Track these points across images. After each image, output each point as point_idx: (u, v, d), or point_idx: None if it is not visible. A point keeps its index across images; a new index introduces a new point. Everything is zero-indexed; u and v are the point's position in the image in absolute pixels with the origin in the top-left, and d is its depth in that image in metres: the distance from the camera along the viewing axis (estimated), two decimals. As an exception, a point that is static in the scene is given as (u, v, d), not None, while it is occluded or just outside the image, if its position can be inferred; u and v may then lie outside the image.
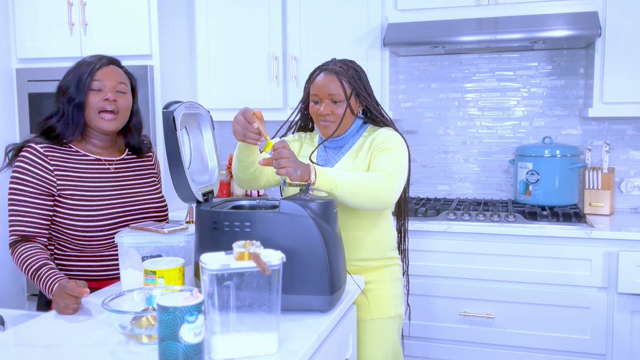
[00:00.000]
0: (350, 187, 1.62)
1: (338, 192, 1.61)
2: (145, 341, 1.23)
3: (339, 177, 1.61)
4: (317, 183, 1.58)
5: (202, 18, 3.17)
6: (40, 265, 1.62)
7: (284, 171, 1.54)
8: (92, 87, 1.76)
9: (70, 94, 1.76)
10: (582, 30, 2.54)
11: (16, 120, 3.15)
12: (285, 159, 1.53)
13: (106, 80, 1.77)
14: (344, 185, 1.61)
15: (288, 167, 1.53)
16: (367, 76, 1.89)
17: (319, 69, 1.85)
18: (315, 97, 1.82)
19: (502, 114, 3.15)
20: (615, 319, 2.46)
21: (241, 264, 1.13)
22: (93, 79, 1.76)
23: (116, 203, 1.80)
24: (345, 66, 1.83)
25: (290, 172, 1.54)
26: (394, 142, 1.79)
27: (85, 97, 1.75)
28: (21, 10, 3.10)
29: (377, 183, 1.66)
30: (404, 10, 2.87)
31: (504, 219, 2.64)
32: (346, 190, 1.61)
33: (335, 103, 1.80)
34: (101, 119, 1.77)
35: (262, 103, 3.11)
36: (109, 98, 1.76)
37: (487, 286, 2.60)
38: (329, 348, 1.42)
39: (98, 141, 1.84)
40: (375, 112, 1.88)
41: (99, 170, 1.81)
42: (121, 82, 1.81)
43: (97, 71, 1.77)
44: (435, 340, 2.71)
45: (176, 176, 1.51)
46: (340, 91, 1.79)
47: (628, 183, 2.96)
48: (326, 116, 1.81)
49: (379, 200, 1.66)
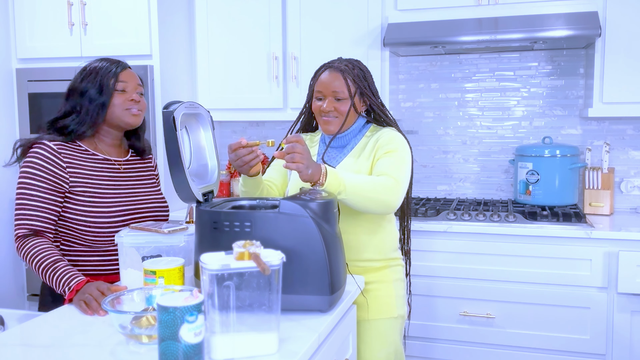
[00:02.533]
0: (359, 191, 1.61)
1: (346, 196, 1.60)
2: (145, 341, 1.23)
3: (349, 181, 1.61)
4: (326, 184, 1.57)
5: (202, 18, 3.17)
6: (55, 260, 1.64)
7: (294, 166, 1.52)
8: (117, 87, 1.83)
9: (91, 95, 1.81)
10: (582, 30, 2.54)
11: (16, 120, 3.15)
12: (299, 155, 1.52)
13: (129, 82, 1.86)
14: (352, 190, 1.60)
15: (300, 163, 1.52)
16: (372, 76, 1.90)
17: (324, 66, 1.86)
18: (319, 94, 1.82)
19: (502, 114, 3.15)
20: (615, 319, 2.46)
21: (241, 264, 1.13)
22: (118, 80, 1.83)
23: (125, 201, 1.85)
24: (350, 65, 1.84)
25: (301, 168, 1.53)
26: (398, 144, 1.79)
27: (111, 97, 1.82)
28: (21, 10, 3.10)
29: (384, 188, 1.65)
30: (404, 10, 2.87)
31: (504, 219, 2.64)
32: (354, 194, 1.61)
33: (339, 100, 1.80)
34: (129, 113, 1.84)
35: (262, 103, 3.11)
36: (134, 99, 1.85)
37: (487, 286, 2.60)
38: (329, 348, 1.42)
39: (109, 139, 1.90)
40: (380, 111, 1.88)
41: (108, 169, 1.87)
42: (140, 84, 1.90)
43: (121, 73, 1.85)
44: (435, 340, 2.71)
45: (176, 176, 1.51)
46: (344, 89, 1.79)
47: (628, 183, 2.96)
48: (329, 113, 1.81)
49: (384, 205, 1.66)
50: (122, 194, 1.86)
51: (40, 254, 1.65)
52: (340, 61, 1.85)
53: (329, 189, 1.58)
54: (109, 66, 1.85)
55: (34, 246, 1.67)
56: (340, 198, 1.61)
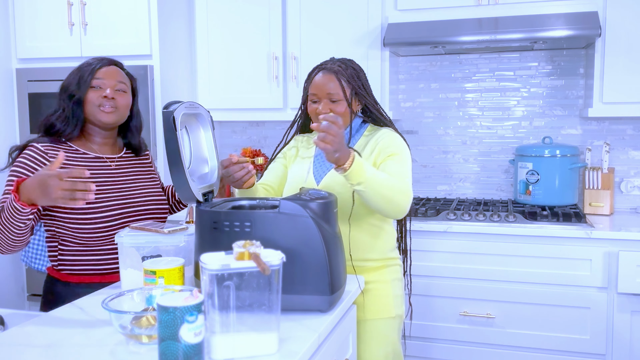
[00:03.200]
0: (377, 187, 1.59)
1: (364, 188, 1.58)
2: (145, 341, 1.23)
3: (371, 173, 1.58)
4: (349, 171, 1.55)
5: (202, 18, 3.17)
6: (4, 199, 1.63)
7: (322, 145, 1.49)
8: (92, 84, 1.81)
9: (71, 91, 1.81)
10: (582, 30, 2.54)
11: (16, 120, 3.15)
12: (331, 137, 1.49)
13: (106, 79, 1.83)
14: (372, 183, 1.58)
15: (329, 145, 1.49)
16: (365, 75, 1.89)
17: (317, 68, 1.85)
18: (314, 97, 1.82)
19: (502, 114, 3.15)
20: (615, 319, 2.46)
21: (241, 264, 1.13)
22: (94, 77, 1.82)
23: (118, 197, 1.84)
24: (344, 65, 1.83)
25: (328, 150, 1.50)
26: (399, 146, 1.79)
27: (85, 93, 1.81)
28: (21, 10, 3.10)
29: (400, 191, 1.64)
30: (404, 10, 2.87)
31: (504, 219, 2.64)
32: (372, 189, 1.59)
33: (334, 102, 1.80)
34: (100, 111, 1.82)
35: (262, 103, 3.11)
36: (107, 95, 1.81)
37: (487, 286, 2.60)
38: (329, 348, 1.42)
39: (98, 138, 1.88)
40: (374, 110, 1.88)
41: (100, 168, 1.86)
42: (121, 81, 1.86)
43: (98, 70, 1.83)
44: (435, 341, 2.71)
45: (176, 176, 1.50)
46: (339, 90, 1.79)
47: (628, 183, 2.96)
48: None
49: (396, 207, 1.65)
50: (115, 190, 1.84)
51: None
52: (333, 62, 1.84)
53: (350, 176, 1.55)
54: (92, 62, 1.84)
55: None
56: (358, 189, 1.59)
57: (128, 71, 1.93)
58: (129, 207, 1.85)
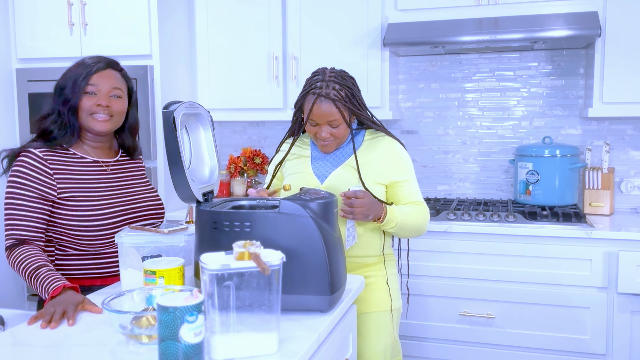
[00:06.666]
0: (406, 226, 1.80)
1: (395, 230, 1.80)
2: (145, 341, 1.23)
3: (401, 217, 1.78)
4: (384, 222, 1.76)
5: (202, 18, 3.17)
6: (39, 266, 1.61)
7: (351, 217, 1.68)
8: (86, 90, 1.77)
9: (65, 96, 1.77)
10: (582, 30, 2.54)
11: (16, 120, 3.15)
12: (359, 208, 1.67)
13: (101, 85, 1.78)
14: (402, 225, 1.78)
15: (359, 215, 1.68)
16: (357, 86, 1.86)
17: (312, 93, 1.77)
18: (313, 122, 1.80)
19: (502, 114, 3.15)
20: (615, 319, 2.46)
21: (241, 264, 1.13)
22: (88, 82, 1.77)
23: (115, 202, 1.82)
24: (338, 85, 1.77)
25: (360, 219, 1.70)
26: (406, 165, 1.87)
27: (79, 100, 1.77)
28: (21, 10, 3.10)
29: (423, 219, 1.84)
30: (404, 10, 2.87)
31: (504, 219, 2.64)
32: (401, 229, 1.80)
33: (335, 127, 1.80)
34: (94, 120, 1.78)
35: (262, 103, 3.11)
36: (101, 104, 1.77)
37: (487, 286, 2.60)
38: (329, 348, 1.42)
39: (94, 142, 1.86)
40: (369, 122, 1.88)
41: (97, 172, 1.83)
42: (116, 87, 1.81)
43: (93, 75, 1.78)
44: (435, 341, 2.71)
45: (176, 176, 1.50)
46: (339, 116, 1.77)
47: (628, 183, 2.96)
48: (325, 139, 1.81)
49: (421, 232, 1.87)
50: (111, 195, 1.82)
51: (26, 261, 1.63)
52: (327, 84, 1.76)
53: (385, 225, 1.77)
54: (87, 65, 1.79)
55: (20, 254, 1.65)
56: (391, 231, 1.80)
57: (125, 72, 1.88)
58: (129, 212, 1.84)
